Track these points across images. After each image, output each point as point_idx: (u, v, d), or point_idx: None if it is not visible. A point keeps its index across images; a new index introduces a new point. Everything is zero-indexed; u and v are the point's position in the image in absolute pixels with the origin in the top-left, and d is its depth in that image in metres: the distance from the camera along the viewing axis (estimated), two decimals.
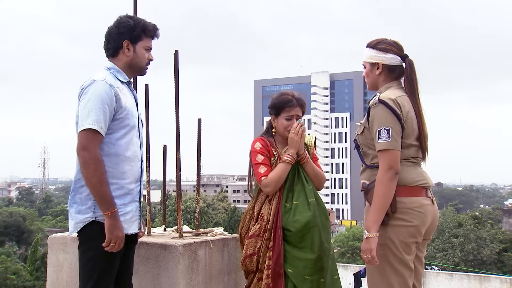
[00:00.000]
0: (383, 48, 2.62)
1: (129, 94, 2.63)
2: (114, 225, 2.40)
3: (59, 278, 3.24)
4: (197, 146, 3.29)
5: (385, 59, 2.62)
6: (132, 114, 2.57)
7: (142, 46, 2.61)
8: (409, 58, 2.63)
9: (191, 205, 45.41)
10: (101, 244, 2.41)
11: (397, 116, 2.47)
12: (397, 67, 2.64)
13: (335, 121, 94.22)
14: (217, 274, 3.18)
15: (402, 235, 2.50)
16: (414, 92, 2.61)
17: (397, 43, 2.67)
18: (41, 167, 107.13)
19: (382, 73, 2.65)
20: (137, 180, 2.61)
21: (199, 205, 3.35)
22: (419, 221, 2.52)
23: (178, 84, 3.17)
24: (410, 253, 2.55)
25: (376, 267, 2.54)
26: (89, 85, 2.45)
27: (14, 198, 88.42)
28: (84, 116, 2.40)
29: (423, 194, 2.58)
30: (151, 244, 2.98)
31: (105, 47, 2.64)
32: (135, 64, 2.63)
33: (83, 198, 2.46)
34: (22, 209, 54.81)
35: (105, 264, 2.44)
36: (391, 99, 2.50)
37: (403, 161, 2.55)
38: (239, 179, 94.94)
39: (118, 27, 2.58)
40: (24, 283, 29.71)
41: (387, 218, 2.49)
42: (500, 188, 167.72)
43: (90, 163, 2.36)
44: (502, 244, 31.13)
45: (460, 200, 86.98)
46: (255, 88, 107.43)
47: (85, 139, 2.38)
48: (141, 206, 2.66)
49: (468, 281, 18.91)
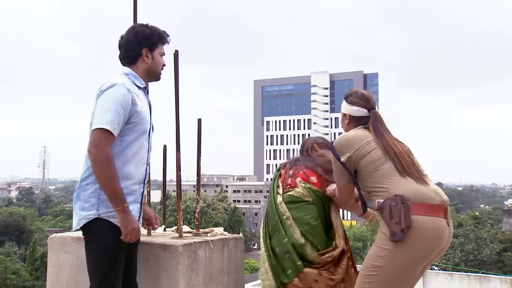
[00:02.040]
0: (350, 101, 2.91)
1: (144, 99, 2.73)
2: (127, 219, 2.48)
3: (59, 278, 3.24)
4: (197, 146, 3.29)
5: (351, 111, 2.90)
6: (145, 119, 2.67)
7: (158, 52, 2.76)
8: (375, 110, 2.87)
9: (191, 205, 45.47)
10: (107, 240, 2.49)
11: (336, 156, 2.73)
12: (362, 117, 2.87)
13: (335, 121, 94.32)
14: (217, 274, 3.19)
15: (409, 255, 2.47)
16: (379, 133, 2.76)
17: (365, 95, 2.91)
18: (41, 167, 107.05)
19: (350, 123, 2.92)
20: (141, 182, 2.68)
21: (199, 205, 3.35)
22: (431, 244, 2.49)
23: (178, 84, 3.17)
24: (413, 272, 2.54)
25: (367, 276, 2.54)
26: (108, 88, 2.54)
27: (14, 198, 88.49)
28: (99, 116, 2.48)
29: (440, 214, 2.53)
30: (151, 244, 2.99)
31: (123, 56, 2.74)
32: (153, 70, 2.76)
33: (87, 196, 2.52)
34: (22, 209, 54.84)
35: (111, 260, 2.51)
36: (339, 138, 2.79)
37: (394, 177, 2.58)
38: (239, 179, 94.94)
39: (135, 36, 2.70)
40: (24, 283, 29.74)
41: (402, 233, 2.44)
42: (500, 188, 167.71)
43: (101, 160, 2.43)
44: (502, 244, 31.14)
45: (460, 200, 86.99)
46: (255, 88, 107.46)
47: (97, 138, 2.45)
48: (142, 208, 2.73)
49: (468, 281, 18.91)
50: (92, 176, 2.51)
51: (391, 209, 2.49)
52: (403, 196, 2.48)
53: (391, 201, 2.50)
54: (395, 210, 2.47)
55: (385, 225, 2.52)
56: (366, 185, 2.69)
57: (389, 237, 2.47)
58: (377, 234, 2.62)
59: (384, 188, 2.58)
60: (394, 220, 2.46)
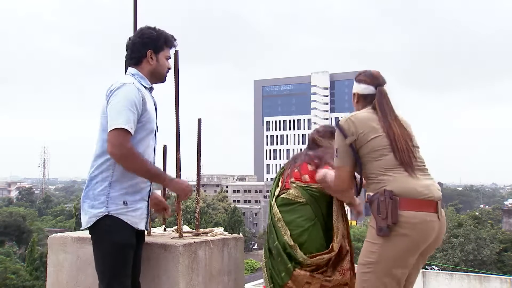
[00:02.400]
0: (358, 80, 2.91)
1: (151, 99, 2.78)
2: (175, 186, 2.68)
3: (59, 278, 3.24)
4: (197, 146, 3.29)
5: (359, 89, 2.89)
6: (152, 118, 2.72)
7: (163, 55, 2.80)
8: (381, 87, 2.84)
9: (191, 205, 45.41)
10: (117, 238, 2.52)
11: (344, 135, 2.68)
12: (369, 95, 2.85)
13: (335, 121, 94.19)
14: (217, 274, 3.19)
15: (398, 248, 2.50)
16: (383, 112, 2.75)
17: (373, 73, 2.89)
18: (41, 167, 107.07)
19: (359, 102, 2.90)
20: (147, 180, 2.71)
21: (199, 205, 3.35)
22: (419, 236, 2.51)
23: (178, 84, 3.17)
24: (405, 266, 2.55)
25: (363, 273, 2.56)
26: (118, 88, 2.57)
27: (14, 198, 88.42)
28: (115, 116, 2.51)
29: (430, 208, 2.54)
30: (151, 244, 2.99)
31: (128, 56, 2.79)
32: (158, 72, 2.79)
33: (96, 194, 2.56)
34: (22, 209, 54.82)
35: (121, 258, 2.53)
36: (346, 118, 2.75)
37: (390, 170, 2.58)
38: (239, 179, 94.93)
39: (142, 37, 2.75)
40: (24, 283, 29.74)
41: (387, 229, 2.48)
42: (500, 188, 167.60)
43: (128, 156, 2.49)
44: (502, 244, 31.15)
45: (460, 200, 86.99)
46: (255, 88, 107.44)
47: (117, 137, 2.48)
48: (149, 206, 2.79)
49: (468, 281, 18.92)
50: (101, 174, 2.57)
51: (379, 204, 2.53)
52: (392, 192, 2.51)
53: (379, 196, 2.54)
54: (383, 206, 2.51)
55: (373, 219, 2.56)
56: (364, 171, 2.69)
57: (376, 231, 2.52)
58: (368, 229, 2.66)
59: (377, 180, 2.61)
60: (381, 216, 2.51)
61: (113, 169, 2.57)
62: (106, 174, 2.57)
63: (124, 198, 2.58)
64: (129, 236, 2.57)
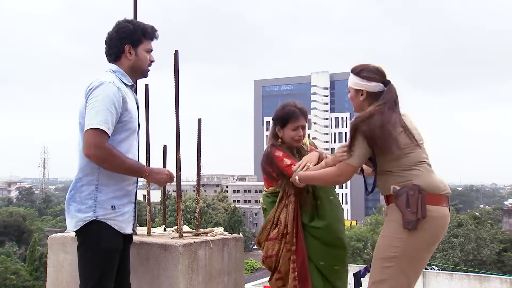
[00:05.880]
0: (366, 77, 2.75)
1: (132, 97, 2.68)
2: (155, 176, 2.62)
3: (59, 278, 3.24)
4: (197, 146, 3.29)
5: (368, 87, 2.75)
6: (134, 118, 2.63)
7: (143, 49, 2.67)
8: (391, 84, 2.75)
9: (191, 205, 45.44)
10: (103, 243, 2.45)
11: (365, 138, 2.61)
12: (380, 92, 2.75)
13: (335, 121, 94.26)
14: (217, 274, 3.18)
15: (422, 241, 2.55)
16: (398, 110, 2.72)
17: (379, 69, 2.78)
18: (41, 167, 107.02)
19: (366, 99, 2.77)
20: (134, 182, 2.66)
21: (199, 205, 3.35)
22: (439, 230, 2.60)
23: (178, 84, 3.17)
24: (426, 258, 2.63)
25: (385, 267, 2.58)
26: (97, 86, 2.48)
27: (14, 198, 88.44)
28: (92, 115, 2.42)
29: (446, 203, 2.64)
30: (151, 244, 2.98)
31: (107, 53, 2.68)
32: (138, 67, 2.68)
33: (83, 197, 2.49)
34: (22, 209, 54.82)
35: (106, 263, 2.46)
36: (372, 122, 2.64)
37: (415, 165, 2.60)
38: (239, 179, 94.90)
39: (118, 32, 2.63)
40: (24, 283, 29.72)
41: (416, 223, 2.51)
42: (500, 188, 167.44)
43: (105, 157, 2.41)
44: (502, 244, 31.16)
45: (460, 200, 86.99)
46: (255, 88, 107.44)
47: (93, 137, 2.39)
48: (136, 207, 2.72)
49: (468, 281, 18.93)
50: (86, 177, 2.50)
51: (408, 197, 2.55)
52: (420, 186, 2.55)
53: (409, 190, 2.56)
54: (413, 200, 2.54)
55: (398, 213, 2.57)
56: (385, 166, 2.66)
57: (402, 224, 2.54)
58: (385, 224, 2.67)
59: (403, 174, 2.62)
60: (411, 209, 2.53)
61: (98, 172, 2.49)
62: (92, 177, 2.50)
63: (112, 203, 2.51)
64: (116, 241, 2.52)
